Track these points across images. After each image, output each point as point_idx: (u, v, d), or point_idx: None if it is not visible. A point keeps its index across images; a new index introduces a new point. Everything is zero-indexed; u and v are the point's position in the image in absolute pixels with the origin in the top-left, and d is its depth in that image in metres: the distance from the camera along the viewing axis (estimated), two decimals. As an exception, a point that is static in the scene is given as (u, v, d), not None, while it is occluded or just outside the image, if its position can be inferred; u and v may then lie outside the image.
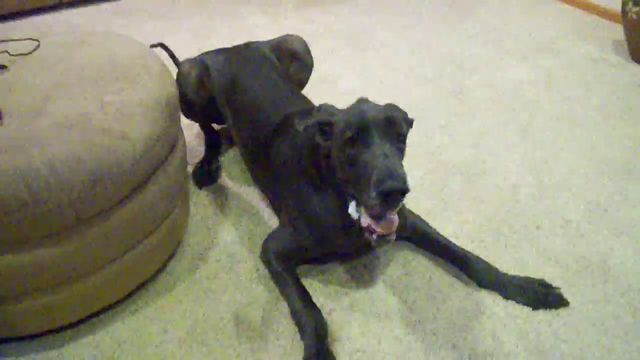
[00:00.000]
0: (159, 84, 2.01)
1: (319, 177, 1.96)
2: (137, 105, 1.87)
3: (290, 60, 2.75)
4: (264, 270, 2.11)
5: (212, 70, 2.60)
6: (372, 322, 1.94)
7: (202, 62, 2.62)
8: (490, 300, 2.00)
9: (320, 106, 1.94)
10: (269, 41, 2.79)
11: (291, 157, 2.08)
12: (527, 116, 3.09)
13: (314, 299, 1.96)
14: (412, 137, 2.71)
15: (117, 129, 1.77)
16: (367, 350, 1.84)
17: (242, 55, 2.65)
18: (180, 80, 2.58)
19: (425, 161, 2.71)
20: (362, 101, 1.84)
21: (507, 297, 2.02)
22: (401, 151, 1.76)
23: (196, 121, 2.78)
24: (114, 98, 1.87)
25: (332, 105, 1.92)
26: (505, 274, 2.06)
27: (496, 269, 2.07)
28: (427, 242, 2.19)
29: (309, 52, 2.78)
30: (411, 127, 1.87)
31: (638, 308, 1.98)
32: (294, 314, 1.92)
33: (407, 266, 2.15)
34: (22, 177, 1.57)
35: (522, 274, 2.10)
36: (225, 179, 2.62)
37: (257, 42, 2.78)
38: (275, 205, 2.26)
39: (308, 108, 2.27)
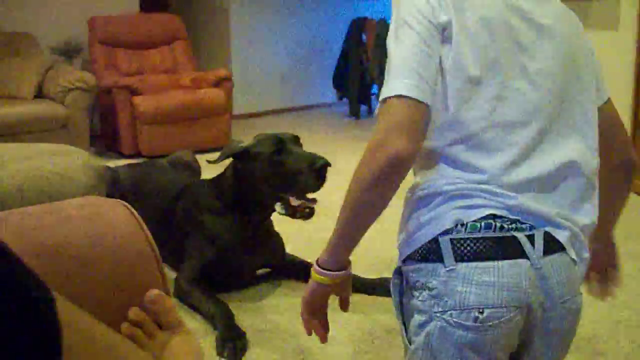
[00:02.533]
0: (87, 157, 2.66)
1: (221, 205, 2.60)
2: (76, 164, 2.49)
3: (184, 168, 3.45)
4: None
5: (121, 175, 3.24)
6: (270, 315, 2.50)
7: (113, 169, 3.27)
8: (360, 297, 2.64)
9: (229, 144, 2.64)
10: (165, 158, 3.52)
11: (193, 205, 2.72)
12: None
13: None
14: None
15: (66, 174, 2.38)
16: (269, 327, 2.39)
17: (145, 165, 3.36)
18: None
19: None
20: (260, 135, 2.58)
21: (372, 294, 2.65)
22: None
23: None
24: (59, 160, 2.49)
25: (237, 141, 2.64)
26: (365, 279, 2.69)
27: (358, 277, 2.71)
28: (306, 270, 2.80)
29: (196, 161, 3.49)
30: None
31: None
32: (205, 313, 2.44)
33: (293, 286, 2.76)
34: (-2, 196, 2.13)
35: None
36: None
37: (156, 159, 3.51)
38: (181, 255, 2.81)
39: (201, 180, 2.97)
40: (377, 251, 3.17)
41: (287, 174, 2.43)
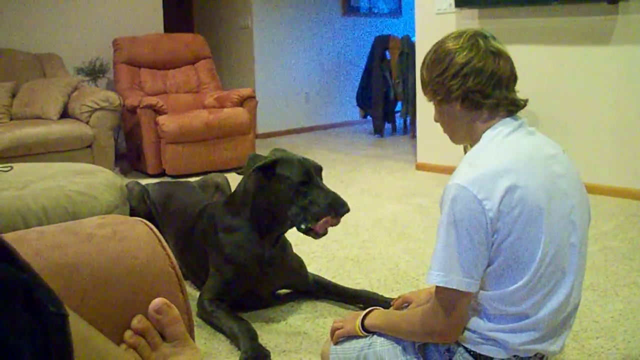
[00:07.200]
0: (111, 176, 2.65)
1: (236, 222, 2.58)
2: (99, 183, 2.49)
3: (215, 191, 3.43)
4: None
5: (150, 191, 3.24)
6: (294, 337, 2.47)
7: (143, 185, 3.27)
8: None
9: (252, 154, 2.61)
10: (196, 180, 3.52)
11: (209, 225, 2.70)
12: (402, 226, 3.85)
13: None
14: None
15: (90, 194, 2.37)
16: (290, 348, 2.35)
17: (174, 183, 3.36)
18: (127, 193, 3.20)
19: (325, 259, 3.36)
20: (278, 150, 2.55)
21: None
22: None
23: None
24: (82, 179, 2.49)
25: (259, 154, 2.60)
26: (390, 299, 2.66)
27: (385, 297, 2.67)
28: (329, 290, 2.78)
29: (228, 184, 3.48)
30: None
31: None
32: (229, 332, 2.41)
33: (317, 306, 2.72)
34: (20, 214, 2.12)
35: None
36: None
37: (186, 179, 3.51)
38: (202, 275, 2.79)
39: (218, 200, 2.95)
40: (403, 270, 3.13)
41: (308, 207, 2.43)
